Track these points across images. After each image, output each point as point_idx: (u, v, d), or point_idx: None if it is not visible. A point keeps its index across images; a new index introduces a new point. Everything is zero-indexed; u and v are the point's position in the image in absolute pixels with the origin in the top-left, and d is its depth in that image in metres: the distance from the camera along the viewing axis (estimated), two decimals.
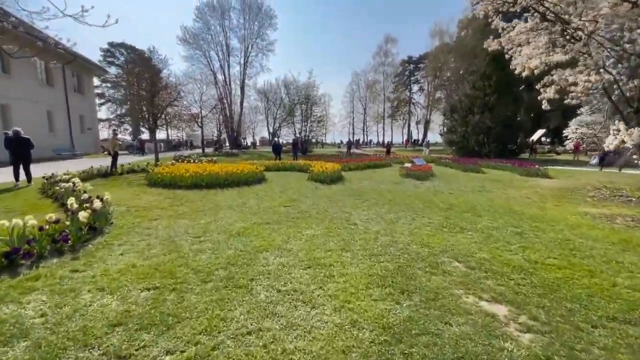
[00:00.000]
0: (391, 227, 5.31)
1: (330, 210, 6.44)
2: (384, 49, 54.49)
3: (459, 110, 25.25)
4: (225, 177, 9.58)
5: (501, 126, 22.53)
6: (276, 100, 42.46)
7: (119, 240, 4.55)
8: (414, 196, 8.21)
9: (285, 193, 8.50)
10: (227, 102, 38.51)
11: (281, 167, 14.45)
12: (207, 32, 37.94)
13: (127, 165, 12.72)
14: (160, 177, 9.44)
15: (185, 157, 19.47)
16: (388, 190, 9.10)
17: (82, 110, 26.54)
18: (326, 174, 10.81)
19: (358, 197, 7.89)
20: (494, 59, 23.82)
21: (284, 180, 10.95)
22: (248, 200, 7.43)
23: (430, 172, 12.34)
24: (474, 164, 15.69)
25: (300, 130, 31.54)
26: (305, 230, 5.05)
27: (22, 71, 20.02)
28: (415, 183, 10.83)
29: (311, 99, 30.70)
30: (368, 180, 11.48)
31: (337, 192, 8.81)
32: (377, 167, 16.08)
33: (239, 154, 28.28)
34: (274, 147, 20.84)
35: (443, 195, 8.49)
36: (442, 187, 9.96)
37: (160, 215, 5.93)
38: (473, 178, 12.35)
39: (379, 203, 7.26)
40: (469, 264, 3.75)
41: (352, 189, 9.40)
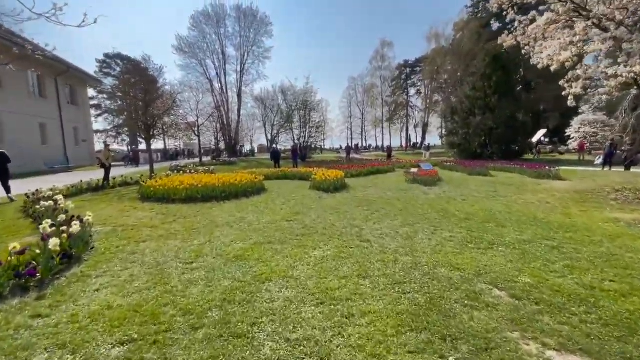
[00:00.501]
0: (410, 244, 4.66)
1: (339, 225, 5.79)
2: (380, 53, 54.35)
3: (459, 112, 24.75)
4: (223, 189, 8.93)
5: (503, 127, 22.01)
6: (273, 107, 42.05)
7: (98, 269, 3.89)
8: (426, 205, 7.58)
9: (287, 205, 7.86)
10: (225, 110, 37.99)
11: (281, 175, 13.82)
12: (203, 41, 37.54)
13: (119, 178, 12.06)
14: (153, 190, 8.79)
15: (182, 167, 18.83)
16: (397, 199, 8.47)
17: (77, 122, 25.92)
18: (329, 182, 10.19)
19: (366, 208, 7.25)
20: (494, 59, 23.51)
21: (285, 190, 10.31)
22: (247, 215, 6.78)
23: (436, 176, 11.74)
24: (481, 166, 15.10)
25: (299, 137, 30.95)
26: (312, 251, 4.40)
27: (14, 84, 19.42)
28: (423, 189, 10.21)
29: (309, 104, 30.19)
30: (373, 187, 10.86)
31: (343, 201, 8.17)
32: (381, 173, 15.48)
33: (237, 162, 27.66)
34: (273, 154, 20.24)
35: (457, 203, 7.86)
36: (453, 193, 9.33)
37: (149, 236, 5.27)
38: (482, 182, 11.74)
39: (390, 214, 6.63)
40: (513, 293, 3.11)
41: (358, 197, 8.77)
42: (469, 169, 14.61)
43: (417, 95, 66.15)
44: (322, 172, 12.24)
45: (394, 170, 16.62)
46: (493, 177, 13.07)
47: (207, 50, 37.93)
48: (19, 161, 18.26)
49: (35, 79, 21.97)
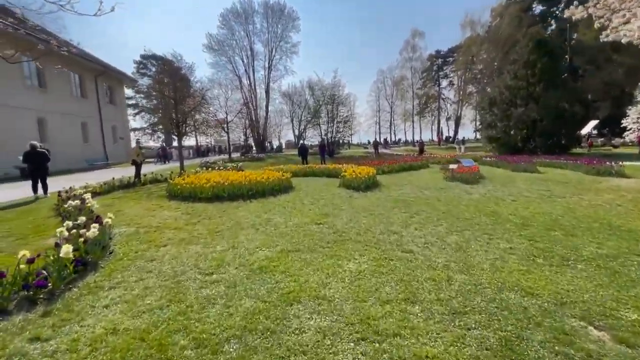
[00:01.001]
0: (462, 256, 3.93)
1: (374, 230, 5.14)
2: (411, 44, 52.13)
3: (498, 103, 22.91)
4: (249, 187, 8.54)
5: (549, 118, 20.05)
6: (301, 103, 41.70)
7: (112, 279, 3.53)
8: (472, 206, 6.71)
9: (316, 205, 7.30)
10: (253, 106, 38.19)
11: (309, 172, 13.30)
12: (232, 38, 37.91)
13: (150, 175, 12.09)
14: (180, 188, 8.57)
15: (211, 164, 18.88)
16: (437, 199, 7.64)
17: (115, 121, 26.97)
18: (360, 179, 9.50)
19: (404, 209, 6.52)
20: (539, 44, 21.47)
21: (314, 188, 9.76)
22: (274, 216, 6.30)
23: (478, 173, 10.67)
24: (526, 162, 13.70)
25: (326, 132, 30.33)
26: (347, 263, 3.80)
27: (58, 85, 20.36)
28: (464, 188, 9.26)
29: (337, 98, 29.42)
30: (408, 185, 10.03)
31: (376, 202, 7.48)
32: (414, 169, 14.52)
33: (265, 158, 27.57)
34: (300, 150, 19.79)
35: (507, 205, 6.91)
36: (499, 193, 8.33)
37: (170, 240, 4.91)
38: (531, 179, 10.52)
39: (432, 217, 5.86)
40: (619, 335, 2.33)
41: (392, 197, 8.03)
42: (513, 165, 13.28)
43: (450, 87, 63.26)
44: (351, 168, 11.56)
45: (428, 166, 15.57)
46: (542, 174, 11.74)
47: (235, 48, 38.30)
48: (63, 159, 19.18)
49: (77, 80, 22.96)
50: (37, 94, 18.88)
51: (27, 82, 18.26)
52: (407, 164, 14.69)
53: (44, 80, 19.46)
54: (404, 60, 54.57)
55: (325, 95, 29.95)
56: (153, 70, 56.78)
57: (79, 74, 22.78)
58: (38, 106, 18.59)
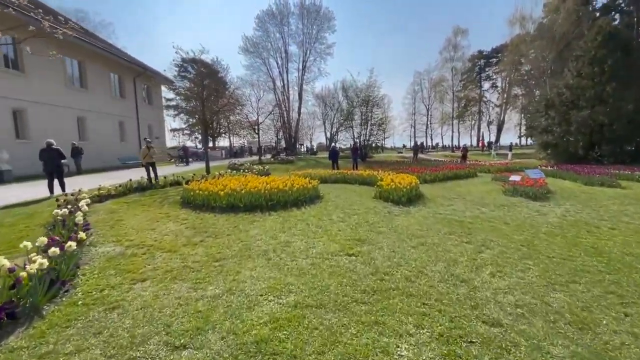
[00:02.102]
0: (595, 345, 2.29)
1: (430, 272, 3.58)
2: (452, 42, 48.67)
3: (557, 105, 19.97)
4: (270, 196, 7.26)
5: (623, 122, 16.99)
6: (334, 105, 40.34)
7: (37, 348, 2.33)
8: (558, 236, 4.92)
9: (347, 223, 5.84)
10: (285, 108, 37.47)
11: (340, 178, 11.84)
12: (267, 40, 37.44)
13: (170, 177, 11.28)
14: (194, 195, 7.50)
15: (239, 165, 18.05)
16: (502, 221, 5.88)
17: (151, 120, 27.27)
18: (400, 190, 7.90)
19: (464, 237, 4.87)
20: (610, 37, 18.40)
21: (344, 199, 8.29)
22: (293, 238, 4.93)
23: (546, 187, 8.61)
24: (602, 173, 11.27)
25: (359, 134, 28.66)
26: (397, 342, 2.31)
27: (98, 85, 20.67)
28: (532, 206, 7.34)
29: (371, 100, 27.68)
30: (459, 199, 8.26)
31: (424, 222, 5.87)
32: (460, 178, 12.57)
33: (295, 160, 26.50)
34: (331, 153, 18.38)
35: (608, 235, 5.02)
36: (584, 215, 6.36)
37: (156, 270, 3.70)
38: (618, 197, 8.30)
39: (509, 252, 4.18)
40: None
41: (443, 216, 6.37)
42: (585, 177, 10.91)
43: (492, 90, 58.85)
44: (389, 176, 9.96)
45: (476, 175, 13.50)
46: (627, 190, 9.38)
47: (270, 49, 37.78)
48: (99, 157, 19.32)
49: (117, 81, 23.32)
50: (78, 94, 19.16)
51: (69, 82, 18.57)
52: (451, 172, 12.75)
53: (85, 81, 19.77)
54: (443, 61, 51.25)
55: (360, 96, 28.33)
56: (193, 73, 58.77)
57: (119, 75, 23.11)
58: (79, 105, 18.85)
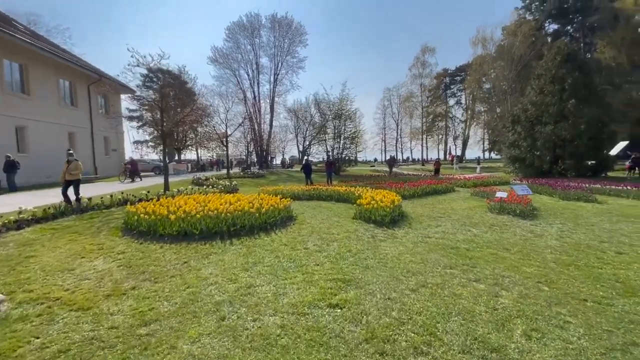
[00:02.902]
0: None
1: (443, 333, 2.60)
2: (420, 60, 50.18)
3: (522, 121, 20.54)
4: (233, 220, 6.07)
5: (583, 138, 17.61)
6: (306, 118, 39.72)
7: None
8: (571, 265, 4.19)
9: (325, 254, 4.79)
10: (257, 120, 36.27)
11: (314, 194, 10.81)
12: (237, 51, 36.44)
13: (120, 195, 9.66)
14: (138, 219, 6.12)
15: (203, 181, 16.52)
16: (502, 246, 5.12)
17: (108, 131, 24.89)
18: (382, 210, 7.01)
19: (468, 270, 3.99)
20: (567, 58, 19.30)
21: (321, 220, 7.25)
22: (258, 279, 3.80)
23: (531, 204, 8.13)
24: (576, 188, 11.18)
25: (332, 148, 28.00)
26: None
27: (44, 92, 18.40)
28: (524, 225, 6.73)
29: (344, 113, 27.25)
30: (445, 218, 7.52)
31: (415, 250, 4.96)
32: (438, 194, 12.01)
33: (266, 174, 25.21)
34: (304, 167, 17.41)
35: (622, 262, 4.37)
36: (581, 236, 5.80)
37: (41, 350, 2.43)
38: (602, 213, 7.96)
39: (531, 295, 3.33)
40: None
41: (434, 240, 5.53)
42: (562, 192, 10.73)
43: (457, 106, 61.51)
44: (368, 192, 9.10)
45: (454, 189, 13.05)
46: (605, 205, 9.18)
47: (241, 61, 36.80)
48: (41, 172, 16.95)
49: (67, 87, 21.06)
50: (18, 100, 16.84)
51: (6, 87, 16.27)
52: (429, 187, 12.18)
53: (27, 86, 17.50)
54: (413, 77, 52.66)
55: (333, 110, 27.83)
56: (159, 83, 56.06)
57: (70, 81, 20.91)
58: (17, 113, 16.51)
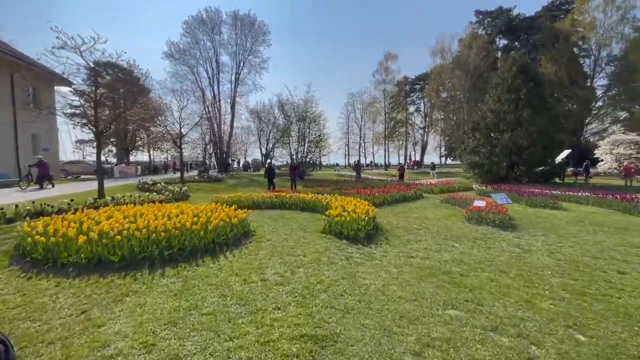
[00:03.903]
0: None
1: None
2: (384, 66, 50.74)
3: (481, 128, 21.03)
4: (168, 241, 4.67)
5: (538, 146, 18.30)
6: (269, 121, 38.23)
7: None
8: (587, 296, 3.44)
9: (289, 288, 3.62)
10: (216, 121, 34.00)
11: (277, 202, 9.58)
12: (196, 47, 33.99)
13: (27, 205, 7.64)
14: (32, 242, 4.49)
15: (150, 185, 14.50)
16: (498, 269, 4.33)
17: (38, 128, 21.47)
18: (356, 223, 6.01)
19: (476, 314, 3.04)
20: (522, 69, 20.08)
21: (284, 236, 6.06)
22: (187, 344, 2.52)
23: (507, 214, 7.63)
24: (541, 194, 11.14)
25: (296, 151, 26.82)
26: None
27: None
28: (506, 238, 6.11)
29: (309, 116, 26.28)
30: (422, 230, 6.70)
31: (402, 279, 3.97)
32: (407, 200, 11.37)
33: (225, 178, 23.34)
34: (267, 172, 16.07)
35: (632, 287, 3.75)
36: (570, 251, 5.24)
37: None
38: (574, 222, 7.68)
39: (570, 347, 2.45)
40: None
41: (419, 262, 4.60)
42: (528, 199, 10.59)
43: (417, 113, 63.58)
44: (337, 201, 8.10)
45: (422, 196, 12.53)
46: (571, 212, 9.06)
47: (199, 58, 34.40)
48: None
49: None
50: None
51: None
52: (399, 193, 11.51)
53: None
54: (376, 82, 53.19)
55: (297, 111, 26.71)
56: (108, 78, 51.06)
57: None
58: None
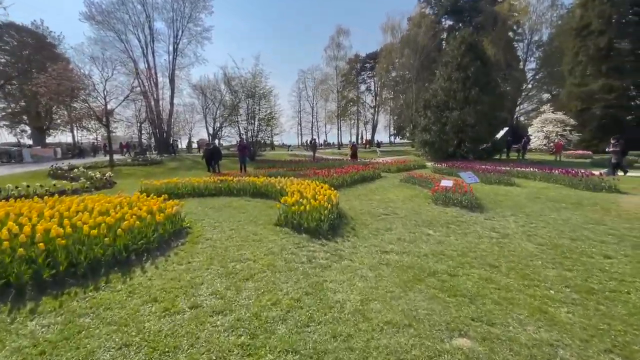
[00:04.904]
0: None
1: None
2: (335, 41, 49.04)
3: (432, 106, 21.15)
4: (53, 252, 3.20)
5: (484, 123, 18.90)
6: (216, 97, 35.09)
7: None
8: (599, 295, 2.87)
9: (231, 317, 2.50)
10: (153, 96, 30.04)
11: (222, 188, 8.18)
12: (123, 10, 29.11)
13: None
14: None
15: (66, 172, 11.93)
16: (486, 262, 3.66)
17: None
18: (317, 211, 5.01)
19: (492, 341, 2.27)
20: (470, 48, 20.30)
21: (229, 232, 4.83)
22: None
23: (472, 193, 7.22)
24: (494, 171, 11.20)
25: (246, 130, 24.76)
26: None
27: None
28: (478, 220, 5.61)
29: (258, 92, 24.20)
30: (390, 216, 5.94)
31: (381, 285, 3.07)
32: (366, 181, 10.68)
33: (166, 160, 20.75)
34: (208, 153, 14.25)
35: (630, 275, 3.32)
36: (545, 232, 4.86)
37: None
38: (534, 199, 7.55)
39: None
40: None
41: (396, 258, 3.77)
42: (482, 176, 10.52)
43: (368, 92, 63.63)
44: (293, 185, 7.00)
45: (381, 175, 11.96)
46: (525, 188, 9.09)
47: (129, 23, 29.60)
48: None
49: None
50: None
51: None
52: (357, 173, 10.76)
53: None
54: (328, 58, 51.48)
55: (245, 87, 24.40)
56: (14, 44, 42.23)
57: None
58: None
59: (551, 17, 36.03)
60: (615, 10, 24.86)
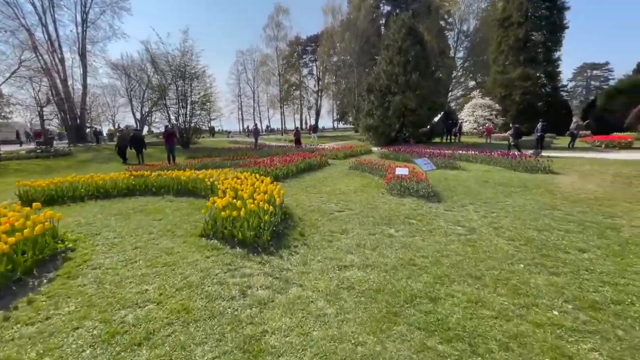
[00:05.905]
0: None
1: None
2: (275, 20, 46.30)
3: (376, 90, 20.88)
4: None
5: (425, 108, 19.21)
6: (142, 79, 30.74)
7: None
8: (607, 311, 2.32)
9: None
10: (60, 76, 24.91)
11: (137, 186, 6.50)
12: None
13: None
14: None
15: None
16: (468, 274, 2.96)
17: None
18: (255, 215, 3.88)
19: None
20: (410, 31, 20.26)
21: (133, 252, 3.46)
22: None
23: (426, 180, 6.73)
24: (439, 155, 11.12)
25: (177, 115, 21.82)
26: None
27: None
28: (437, 212, 5.05)
29: (189, 71, 21.35)
30: (344, 212, 5.06)
31: (344, 330, 2.14)
32: (313, 169, 9.73)
33: (77, 152, 17.29)
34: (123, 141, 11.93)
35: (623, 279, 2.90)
36: (509, 223, 4.45)
37: None
38: (483, 184, 7.38)
39: None
40: None
41: (359, 277, 2.88)
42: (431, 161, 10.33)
43: (310, 76, 62.20)
44: (227, 180, 5.71)
45: (328, 163, 11.12)
46: (470, 172, 9.03)
47: None
48: None
49: None
50: None
51: None
52: (303, 162, 9.74)
53: None
54: (268, 38, 48.54)
55: (173, 66, 21.31)
56: None
57: None
58: None
59: (477, 8, 38.39)
60: (531, 5, 27.09)
